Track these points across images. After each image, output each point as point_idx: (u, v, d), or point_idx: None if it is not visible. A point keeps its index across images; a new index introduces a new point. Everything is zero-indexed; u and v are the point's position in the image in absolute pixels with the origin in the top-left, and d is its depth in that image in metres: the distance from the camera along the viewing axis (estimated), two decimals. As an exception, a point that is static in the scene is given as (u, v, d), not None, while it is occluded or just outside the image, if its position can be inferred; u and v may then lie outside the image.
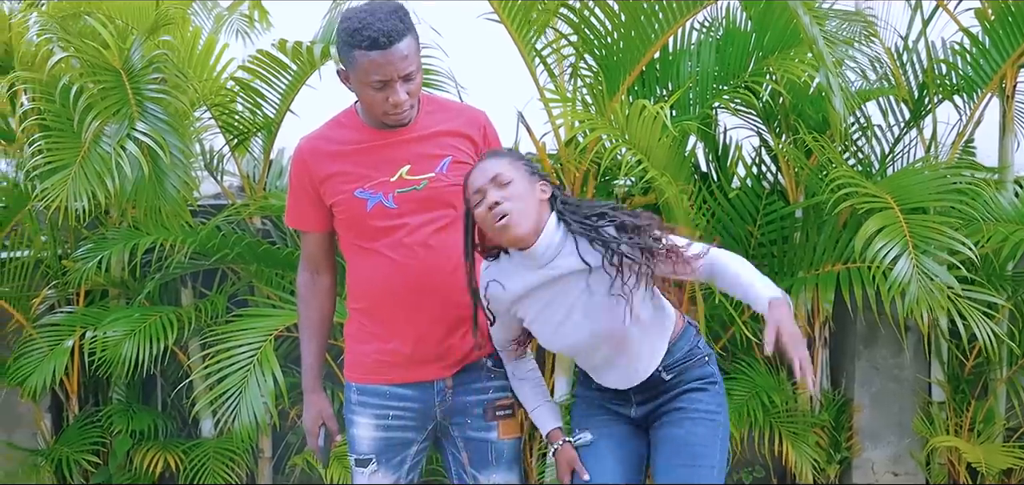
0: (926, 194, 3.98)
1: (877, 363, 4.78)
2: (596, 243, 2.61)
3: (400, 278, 2.75)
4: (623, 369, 2.76)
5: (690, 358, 2.80)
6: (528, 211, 2.60)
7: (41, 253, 4.63)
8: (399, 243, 2.74)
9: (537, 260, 2.65)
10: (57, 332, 4.53)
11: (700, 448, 2.75)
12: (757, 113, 4.49)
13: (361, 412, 2.86)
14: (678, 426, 2.76)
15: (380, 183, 2.74)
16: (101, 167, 3.88)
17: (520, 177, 2.62)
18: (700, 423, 2.76)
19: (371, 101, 2.67)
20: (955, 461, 4.63)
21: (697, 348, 2.83)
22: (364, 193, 2.74)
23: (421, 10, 3.30)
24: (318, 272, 2.92)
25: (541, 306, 2.70)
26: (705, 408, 2.78)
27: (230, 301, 4.62)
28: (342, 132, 2.80)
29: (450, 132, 2.81)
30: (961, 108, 4.50)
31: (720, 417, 2.81)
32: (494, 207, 2.57)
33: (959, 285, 3.88)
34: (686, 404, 2.78)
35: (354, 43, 2.61)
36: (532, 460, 4.54)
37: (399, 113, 2.68)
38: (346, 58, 2.66)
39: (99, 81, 4.08)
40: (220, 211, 4.59)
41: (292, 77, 4.40)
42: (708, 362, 2.84)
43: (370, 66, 2.60)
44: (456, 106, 3.00)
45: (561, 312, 2.68)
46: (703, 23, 4.46)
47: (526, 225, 2.59)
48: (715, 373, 2.85)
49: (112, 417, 4.66)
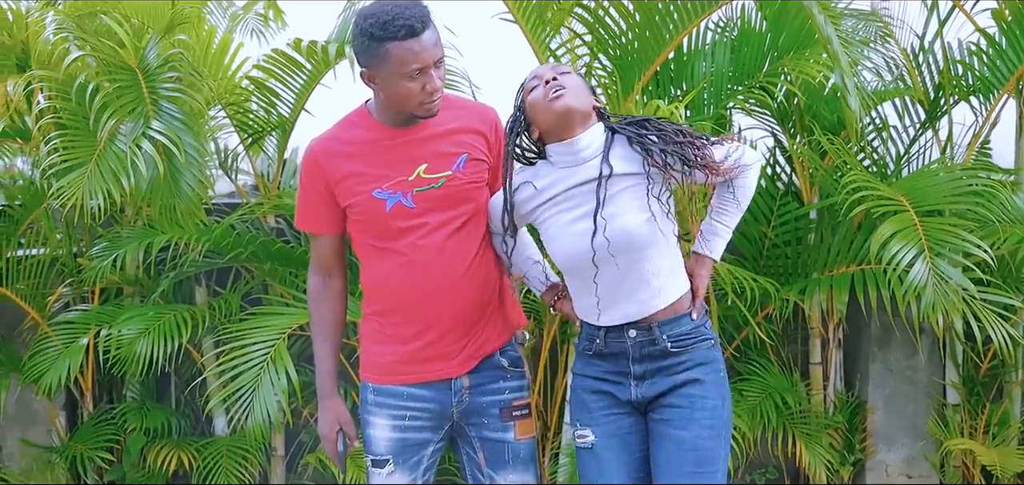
0: (942, 196, 3.97)
1: (891, 365, 4.76)
2: (636, 146, 2.68)
3: (418, 278, 2.74)
4: (629, 294, 2.70)
5: (696, 335, 2.75)
6: (580, 98, 2.70)
7: (57, 251, 4.65)
8: (417, 243, 2.73)
9: (576, 154, 2.69)
10: (72, 330, 4.55)
11: (706, 453, 2.71)
12: (772, 113, 4.48)
13: (377, 413, 2.85)
14: (683, 428, 2.71)
15: (398, 183, 2.72)
16: (116, 165, 3.89)
17: (579, 79, 2.76)
18: (705, 426, 2.71)
19: (405, 93, 2.64)
20: (970, 464, 4.62)
21: (704, 328, 2.78)
22: (383, 193, 2.72)
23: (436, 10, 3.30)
24: (330, 275, 2.90)
25: (567, 206, 2.70)
26: (710, 405, 2.72)
27: (244, 299, 4.63)
28: (355, 132, 2.78)
29: (464, 129, 2.80)
30: (977, 109, 4.48)
31: (724, 412, 2.77)
32: (552, 82, 2.69)
33: (974, 287, 3.87)
34: (688, 403, 2.72)
35: (386, 35, 2.58)
36: (545, 460, 4.54)
37: (433, 100, 2.66)
38: (374, 54, 2.62)
39: (115, 80, 4.09)
40: (234, 210, 4.60)
41: (307, 76, 4.41)
42: (713, 346, 2.80)
43: (407, 55, 2.58)
44: (468, 103, 2.98)
45: (584, 213, 2.67)
46: (718, 23, 4.45)
47: (575, 104, 2.68)
48: (718, 358, 2.81)
49: (126, 415, 4.68)
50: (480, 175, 2.82)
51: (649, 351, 2.74)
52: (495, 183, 2.88)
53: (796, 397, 4.48)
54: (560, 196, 2.71)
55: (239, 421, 4.12)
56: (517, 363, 2.92)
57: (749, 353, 4.58)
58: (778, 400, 4.39)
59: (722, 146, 2.77)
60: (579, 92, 2.70)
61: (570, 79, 2.71)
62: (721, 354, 2.83)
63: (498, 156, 2.87)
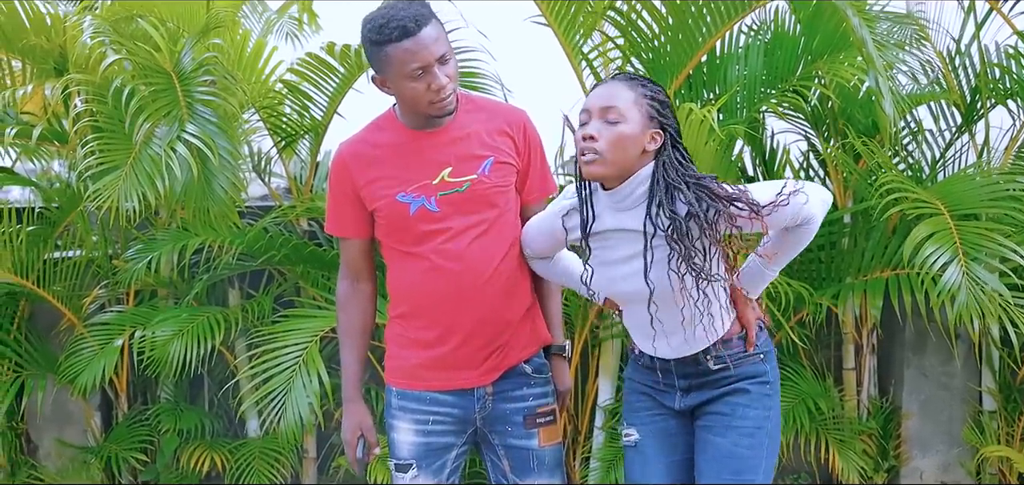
0: (978, 200, 3.92)
1: (926, 371, 4.72)
2: (664, 211, 2.54)
3: (443, 283, 2.72)
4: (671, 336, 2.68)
5: (744, 354, 2.72)
6: (617, 158, 2.53)
7: (92, 253, 4.69)
8: (442, 247, 2.71)
9: (616, 202, 2.60)
10: (107, 331, 4.59)
11: (745, 461, 2.68)
12: (805, 117, 4.45)
13: (401, 417, 2.84)
14: (722, 435, 2.69)
15: (422, 186, 2.71)
16: (151, 168, 3.92)
17: (633, 119, 2.53)
18: (745, 434, 2.69)
19: (413, 94, 2.63)
20: (1006, 471, 4.56)
21: (756, 343, 2.73)
22: (407, 197, 2.71)
23: (468, 12, 3.30)
24: (359, 279, 2.89)
25: (609, 246, 2.64)
26: (752, 415, 2.70)
27: (276, 302, 4.66)
28: (381, 135, 2.77)
29: (491, 131, 2.77)
30: (1015, 113, 4.43)
31: (768, 424, 2.72)
32: (586, 140, 2.53)
33: (1010, 293, 3.82)
34: (730, 410, 2.70)
35: (383, 39, 2.58)
36: (575, 464, 4.53)
37: (442, 99, 2.63)
38: (378, 60, 2.63)
39: (150, 83, 4.13)
40: (267, 213, 4.63)
41: (339, 80, 4.43)
42: (763, 360, 2.74)
43: (405, 56, 2.58)
44: (495, 105, 2.95)
45: (623, 257, 2.62)
46: (751, 26, 4.43)
47: (606, 171, 2.53)
48: (768, 372, 2.75)
49: (160, 416, 4.72)
50: (507, 179, 2.78)
51: (694, 369, 2.73)
52: (524, 187, 2.85)
53: (829, 402, 4.45)
54: (608, 233, 2.65)
55: (271, 423, 4.14)
56: (541, 369, 2.90)
57: (782, 358, 4.55)
58: (811, 405, 4.35)
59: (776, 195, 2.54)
60: (619, 147, 2.52)
61: (614, 129, 2.51)
62: (774, 366, 2.78)
63: (528, 159, 2.84)
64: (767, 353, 2.77)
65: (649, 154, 2.56)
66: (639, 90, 2.56)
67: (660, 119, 2.56)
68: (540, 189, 2.90)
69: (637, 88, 2.57)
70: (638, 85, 2.58)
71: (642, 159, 2.56)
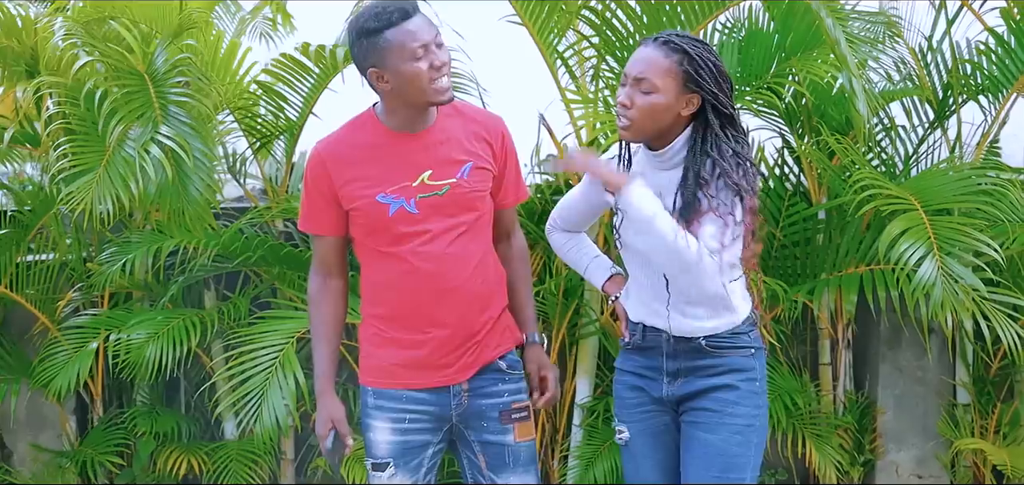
0: (951, 195, 3.96)
1: (901, 365, 4.75)
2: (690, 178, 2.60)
3: (421, 284, 2.74)
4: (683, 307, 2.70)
5: (735, 342, 2.73)
6: (647, 127, 2.61)
7: (66, 256, 4.66)
8: (420, 249, 2.73)
9: (660, 162, 2.67)
10: (82, 334, 4.56)
11: (734, 459, 2.70)
12: (780, 114, 4.47)
13: (378, 416, 2.85)
14: (713, 432, 2.70)
15: (402, 188, 2.72)
16: (125, 170, 3.90)
17: (667, 89, 2.58)
18: (736, 431, 2.70)
19: (415, 74, 2.62)
20: (980, 463, 4.60)
21: (747, 336, 2.75)
22: (386, 198, 2.72)
23: (443, 12, 3.30)
24: (330, 276, 2.90)
25: None
26: (742, 412, 2.71)
27: (253, 304, 4.63)
28: (361, 135, 2.78)
29: (470, 136, 2.80)
30: (986, 108, 4.47)
31: (756, 422, 2.74)
32: (621, 107, 2.62)
33: (984, 287, 3.85)
34: (720, 407, 2.71)
35: (382, 24, 2.60)
36: (554, 462, 4.54)
37: (443, 75, 2.65)
38: (375, 49, 2.63)
39: (123, 85, 4.10)
40: (243, 214, 4.61)
41: (314, 80, 4.42)
42: (753, 355, 2.76)
43: (406, 37, 2.60)
44: (474, 110, 2.97)
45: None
46: (725, 24, 4.45)
47: (637, 136, 2.64)
48: (757, 368, 2.76)
49: (136, 419, 4.68)
50: (484, 184, 2.82)
51: (684, 348, 2.74)
52: (499, 193, 2.88)
53: (805, 398, 4.47)
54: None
55: (249, 425, 4.12)
56: (515, 366, 2.93)
57: (758, 354, 4.57)
58: (787, 401, 4.37)
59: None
60: (652, 115, 2.59)
61: (649, 98, 2.58)
62: (763, 364, 2.80)
63: (504, 166, 2.87)
64: (758, 349, 2.78)
65: (685, 117, 2.63)
66: (674, 58, 2.58)
67: (697, 84, 2.58)
68: (514, 195, 2.95)
69: (673, 56, 2.58)
70: (675, 52, 2.59)
71: (677, 122, 2.63)
